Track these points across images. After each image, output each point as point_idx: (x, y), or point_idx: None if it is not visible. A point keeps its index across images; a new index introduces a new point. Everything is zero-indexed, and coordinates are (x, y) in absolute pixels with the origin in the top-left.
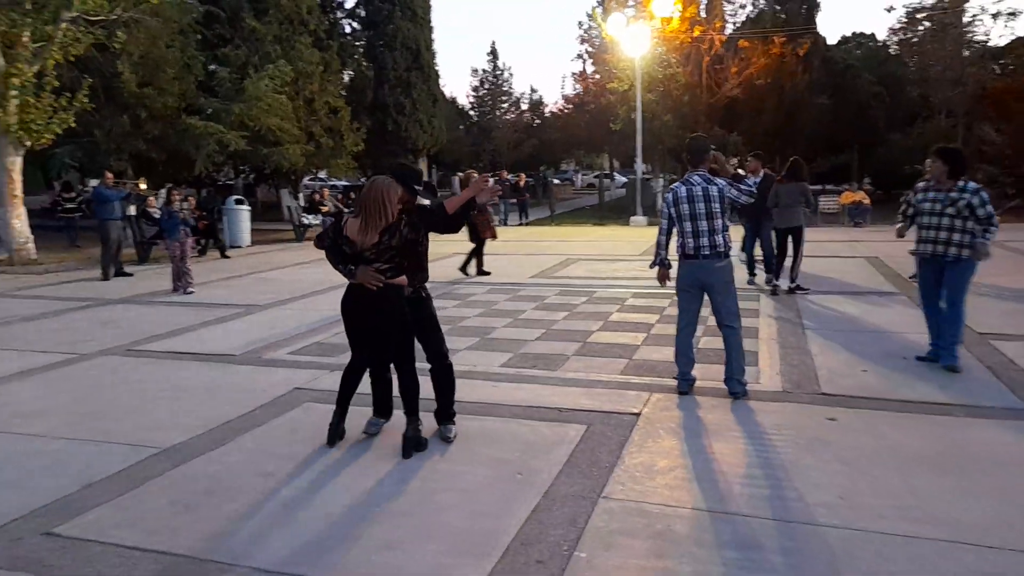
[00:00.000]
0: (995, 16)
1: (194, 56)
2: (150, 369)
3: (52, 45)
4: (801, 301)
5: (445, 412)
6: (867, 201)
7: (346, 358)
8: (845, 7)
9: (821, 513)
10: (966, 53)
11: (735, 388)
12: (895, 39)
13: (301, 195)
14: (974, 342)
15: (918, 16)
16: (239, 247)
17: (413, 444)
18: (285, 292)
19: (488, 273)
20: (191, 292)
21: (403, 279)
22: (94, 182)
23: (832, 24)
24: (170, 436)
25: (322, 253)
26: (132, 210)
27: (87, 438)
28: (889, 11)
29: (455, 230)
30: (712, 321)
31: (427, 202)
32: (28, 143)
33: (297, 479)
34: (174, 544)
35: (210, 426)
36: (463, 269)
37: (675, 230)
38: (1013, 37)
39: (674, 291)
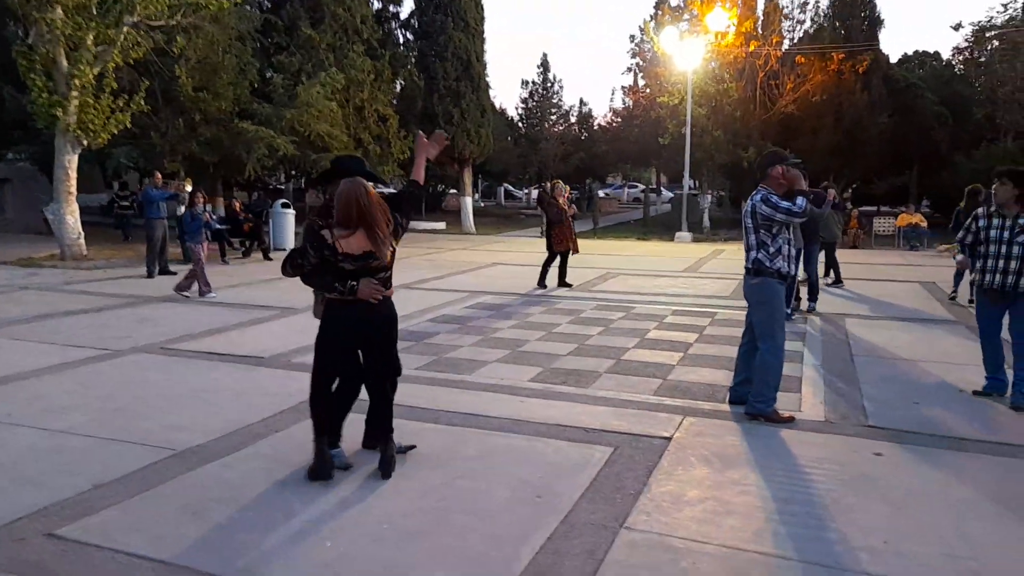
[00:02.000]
0: None
1: (250, 62)
2: (180, 369)
3: (113, 48)
4: (850, 326)
5: (389, 429)
6: (924, 224)
7: None
8: (907, 25)
9: (863, 559)
10: None
11: (747, 408)
12: (960, 58)
13: None
14: None
15: (987, 35)
16: (284, 249)
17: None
18: None
19: (570, 285)
20: (212, 296)
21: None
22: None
23: (893, 42)
24: (190, 438)
25: None
26: (180, 210)
27: (108, 436)
28: (957, 28)
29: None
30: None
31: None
32: (85, 142)
33: (309, 490)
34: (177, 553)
35: (230, 429)
36: (542, 283)
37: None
38: None
39: (714, 310)
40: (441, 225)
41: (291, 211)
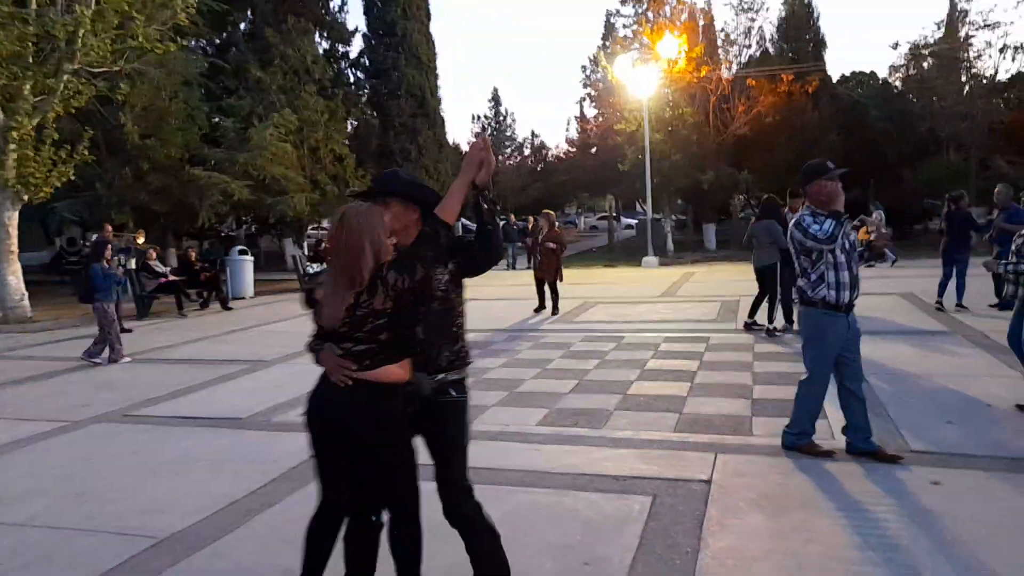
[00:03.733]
0: (1003, 50)
1: (198, 107)
2: (148, 438)
3: (53, 98)
4: None
5: None
6: None
7: None
8: (842, 46)
9: None
10: (967, 88)
11: (783, 440)
12: (898, 76)
13: (305, 244)
14: None
15: (923, 52)
16: (242, 298)
17: None
18: (294, 345)
19: (538, 311)
20: (125, 360)
21: (392, 370)
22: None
23: (832, 63)
24: (170, 521)
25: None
26: (132, 263)
27: (75, 526)
28: (895, 47)
29: (492, 259)
30: (767, 368)
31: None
32: (26, 197)
33: None
34: None
35: (216, 507)
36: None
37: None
38: (1018, 71)
39: (706, 334)
40: None
41: (249, 258)
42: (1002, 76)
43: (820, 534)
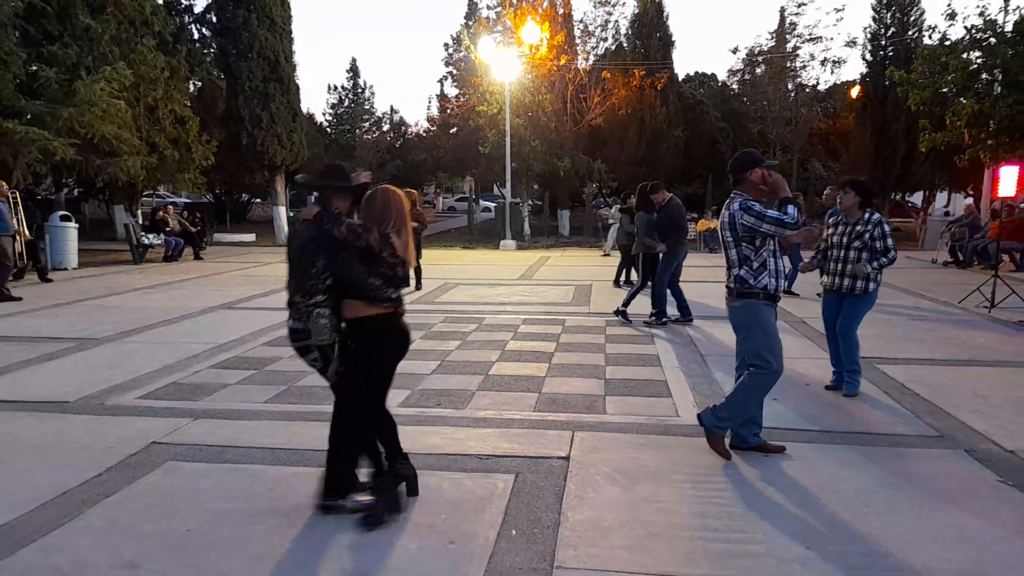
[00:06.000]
0: (823, 63)
1: (13, 52)
2: None
3: None
4: (690, 327)
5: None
6: None
7: (213, 401)
8: (687, 46)
9: (796, 570)
10: (792, 95)
11: (704, 419)
12: (735, 79)
13: (140, 212)
14: (863, 368)
15: (758, 58)
16: (64, 269)
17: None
18: (128, 322)
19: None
20: None
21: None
22: None
23: (679, 62)
24: None
25: (167, 275)
26: None
27: None
28: (734, 52)
29: None
30: (618, 350)
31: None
32: None
33: (172, 569)
34: None
35: (44, 498)
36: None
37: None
38: (836, 82)
39: (562, 317)
40: (250, 237)
41: (72, 225)
42: (822, 86)
43: (668, 504)
